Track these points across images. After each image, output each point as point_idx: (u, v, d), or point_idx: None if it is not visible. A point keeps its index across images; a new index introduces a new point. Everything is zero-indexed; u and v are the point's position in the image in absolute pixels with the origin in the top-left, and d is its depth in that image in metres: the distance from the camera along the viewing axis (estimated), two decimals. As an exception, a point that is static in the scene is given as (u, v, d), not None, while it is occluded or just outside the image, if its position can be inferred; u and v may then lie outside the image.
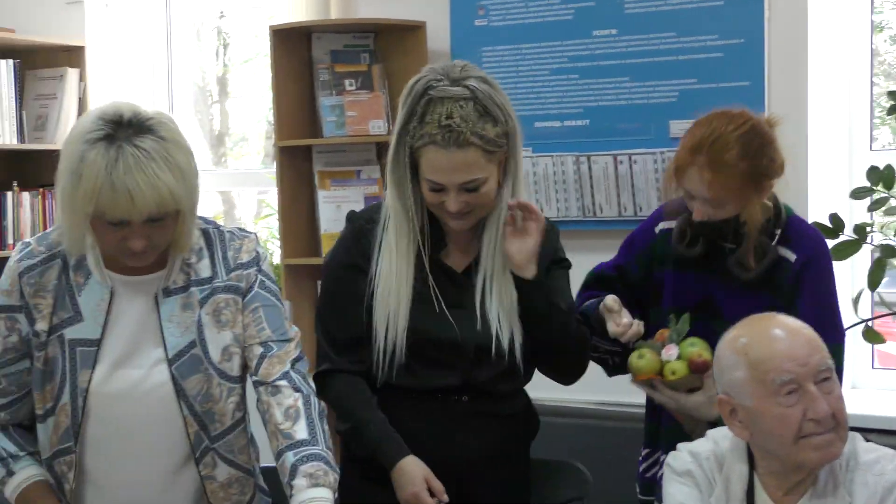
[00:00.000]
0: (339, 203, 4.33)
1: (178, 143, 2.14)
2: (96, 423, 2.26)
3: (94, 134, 2.09)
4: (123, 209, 2.07)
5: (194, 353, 2.26)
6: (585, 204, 4.07)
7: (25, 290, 2.23)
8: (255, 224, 5.38)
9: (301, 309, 4.32)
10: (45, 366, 2.24)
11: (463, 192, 2.36)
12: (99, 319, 2.23)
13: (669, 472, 2.19)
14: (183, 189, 2.13)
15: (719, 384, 2.12)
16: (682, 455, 2.19)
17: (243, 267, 2.32)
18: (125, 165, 2.06)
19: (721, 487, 2.12)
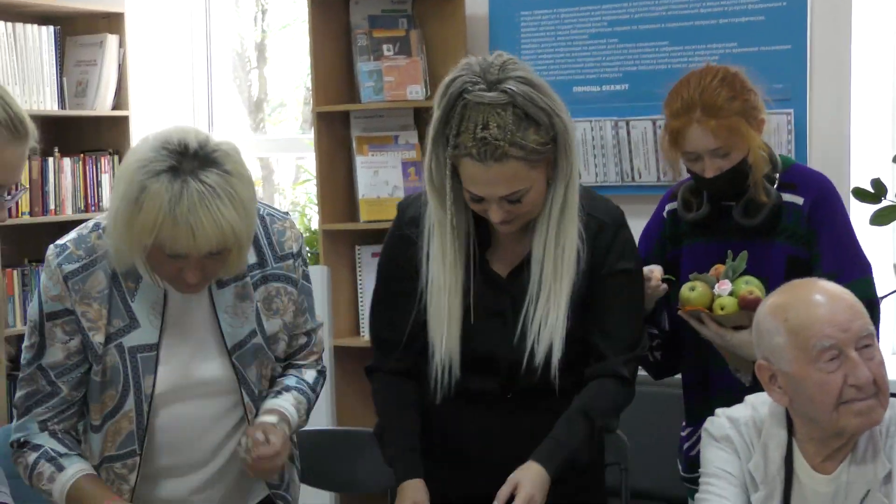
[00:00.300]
0: (376, 168, 4.33)
1: (242, 176, 2.08)
2: (160, 425, 2.25)
3: (158, 165, 2.01)
4: (184, 245, 2.02)
5: (255, 342, 2.27)
6: (624, 169, 4.05)
7: (73, 296, 2.17)
8: (293, 189, 5.39)
9: (339, 275, 4.33)
10: (104, 376, 2.20)
11: (505, 202, 2.21)
12: (155, 323, 2.20)
13: (707, 437, 2.18)
14: (244, 224, 2.07)
15: (759, 350, 2.10)
16: (721, 420, 2.17)
17: (293, 257, 2.31)
18: (189, 202, 1.99)
19: (759, 453, 2.11)
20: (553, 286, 2.27)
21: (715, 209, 2.59)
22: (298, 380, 2.38)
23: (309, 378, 2.40)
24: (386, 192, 4.28)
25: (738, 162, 2.51)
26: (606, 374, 2.33)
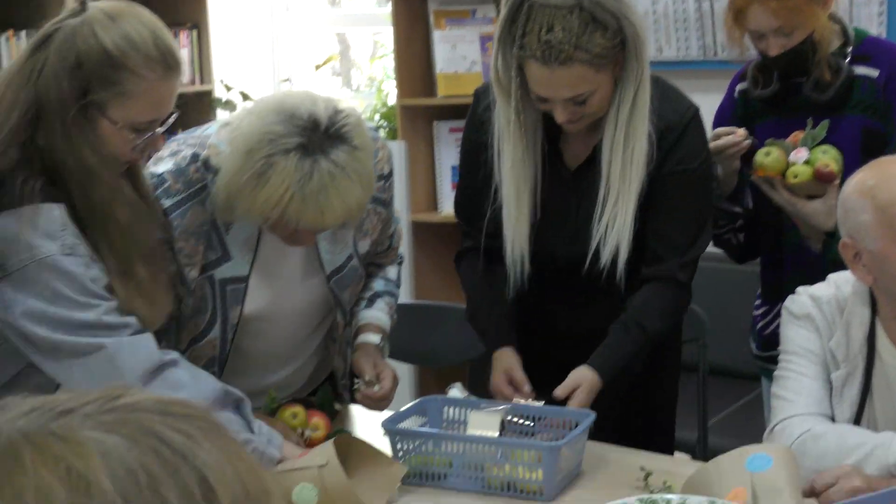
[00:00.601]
0: (454, 43, 4.28)
1: (367, 149, 2.05)
2: (241, 351, 2.29)
3: (288, 141, 1.96)
4: (311, 221, 2.01)
5: (352, 265, 2.31)
6: (706, 43, 3.96)
7: (170, 231, 2.14)
8: (370, 64, 5.35)
9: (416, 150, 4.33)
10: (193, 306, 2.22)
11: (570, 104, 2.18)
12: (247, 257, 2.20)
13: (788, 316, 2.16)
14: (367, 197, 2.08)
15: (843, 227, 2.06)
16: (802, 298, 2.15)
17: (385, 178, 2.33)
18: (320, 181, 1.96)
19: (841, 332, 2.09)
20: (621, 188, 2.25)
21: (785, 86, 2.54)
22: (385, 281, 2.46)
23: (392, 275, 2.49)
24: (464, 66, 4.24)
25: (803, 40, 2.44)
26: (662, 277, 2.32)
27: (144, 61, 1.87)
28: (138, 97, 1.88)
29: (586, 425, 2.12)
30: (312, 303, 2.31)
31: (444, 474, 2.09)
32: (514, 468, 2.03)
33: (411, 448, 2.12)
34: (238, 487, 0.68)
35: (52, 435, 0.65)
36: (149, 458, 0.65)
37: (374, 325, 2.37)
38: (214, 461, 0.67)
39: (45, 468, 0.63)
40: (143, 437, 0.66)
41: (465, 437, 2.11)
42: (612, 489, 2.03)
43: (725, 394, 3.72)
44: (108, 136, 1.89)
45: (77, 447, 0.65)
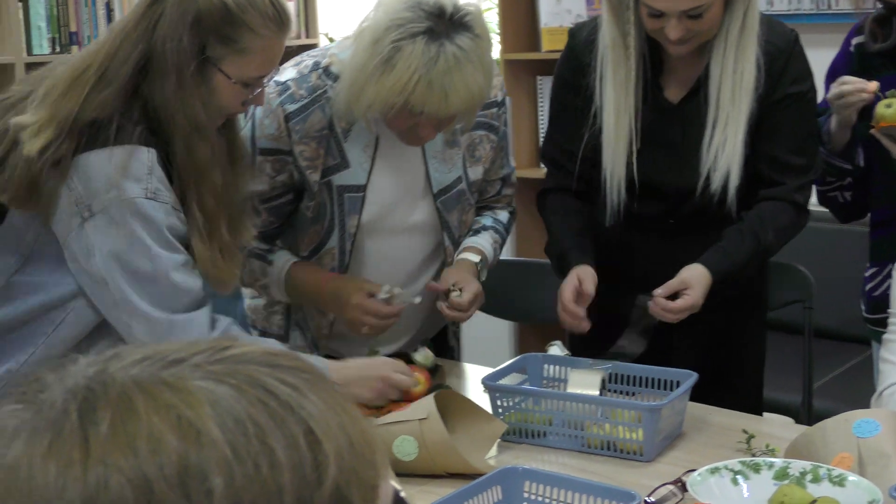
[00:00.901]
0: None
1: (488, 40, 2.11)
2: (363, 261, 2.34)
3: (415, 27, 2.02)
4: (434, 106, 2.05)
5: (460, 188, 2.34)
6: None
7: (293, 136, 2.22)
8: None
9: (519, 105, 4.30)
10: (313, 211, 2.28)
11: (685, 18, 2.15)
12: (365, 166, 2.26)
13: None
14: (487, 88, 2.12)
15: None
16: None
17: (497, 105, 2.37)
18: (445, 65, 2.01)
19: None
20: (731, 111, 2.25)
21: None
22: (494, 220, 2.49)
23: (503, 218, 2.51)
24: (568, 20, 4.19)
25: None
26: (779, 198, 2.33)
27: (262, 19, 1.91)
28: (254, 54, 1.93)
29: (688, 386, 2.09)
30: (422, 224, 2.35)
31: (543, 432, 2.09)
32: (614, 428, 2.02)
33: (511, 405, 2.12)
34: (342, 439, 0.68)
35: (163, 383, 0.67)
36: (256, 409, 0.66)
37: (475, 248, 2.40)
38: (319, 413, 0.68)
39: (157, 415, 0.65)
40: (251, 387, 0.67)
41: (565, 394, 2.11)
42: (714, 451, 2.01)
43: (832, 357, 3.65)
44: (221, 91, 1.94)
45: (187, 396, 0.66)
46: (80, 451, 0.64)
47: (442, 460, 1.92)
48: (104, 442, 0.64)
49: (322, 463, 0.67)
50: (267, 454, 0.65)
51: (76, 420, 0.65)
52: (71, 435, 0.64)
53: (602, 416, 2.04)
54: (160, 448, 0.64)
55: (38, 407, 0.67)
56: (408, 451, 1.92)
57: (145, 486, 0.63)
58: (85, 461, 0.63)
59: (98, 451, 0.63)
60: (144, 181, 1.88)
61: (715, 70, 2.24)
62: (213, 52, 1.91)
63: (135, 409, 0.65)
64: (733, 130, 2.25)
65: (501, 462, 1.98)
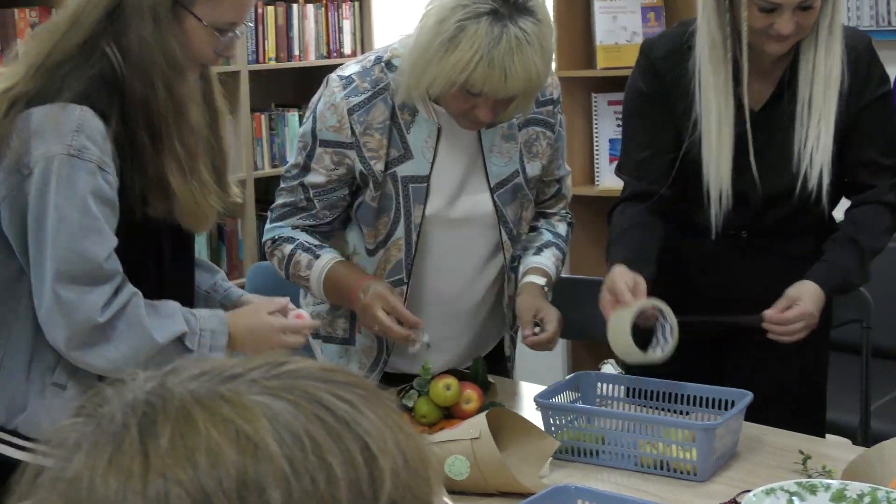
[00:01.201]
0: (615, 14, 4.23)
1: (550, 27, 2.15)
2: (427, 254, 2.37)
3: (480, 7, 2.07)
4: (494, 86, 2.09)
5: (517, 182, 2.36)
6: (880, 12, 3.81)
7: (356, 128, 2.27)
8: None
9: (574, 123, 4.29)
10: (379, 203, 2.32)
11: (797, 11, 2.15)
12: (427, 156, 2.30)
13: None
14: (546, 73, 2.16)
15: None
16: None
17: (553, 103, 2.41)
18: (507, 45, 2.06)
19: None
20: (822, 109, 2.26)
21: None
22: (555, 234, 2.49)
23: (562, 231, 2.52)
24: (624, 38, 4.18)
25: None
26: (872, 201, 2.34)
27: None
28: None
29: (743, 405, 2.08)
30: (481, 217, 2.36)
31: (596, 451, 2.08)
32: (668, 447, 2.01)
33: (564, 423, 2.12)
34: (398, 455, 0.69)
35: (221, 398, 0.67)
36: (313, 425, 0.67)
37: (540, 269, 2.40)
38: (375, 429, 0.68)
39: (216, 430, 0.65)
40: (308, 403, 0.68)
41: (619, 413, 2.10)
42: (769, 472, 1.99)
43: (890, 377, 3.59)
44: (193, 34, 1.95)
45: (245, 411, 0.67)
46: (140, 465, 0.64)
47: (494, 480, 1.92)
48: (164, 455, 0.64)
49: (378, 479, 0.67)
50: (324, 469, 0.65)
51: (136, 433, 0.66)
52: (131, 448, 0.65)
53: (656, 435, 2.03)
54: (219, 462, 0.64)
55: (97, 421, 0.68)
56: (460, 471, 1.92)
57: (204, 499, 0.63)
58: (145, 474, 0.64)
59: (158, 464, 0.64)
60: (69, 137, 1.86)
61: (805, 68, 2.26)
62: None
63: (194, 422, 0.66)
64: (825, 128, 2.26)
65: (554, 480, 1.97)
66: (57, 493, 0.66)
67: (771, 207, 2.34)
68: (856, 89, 2.28)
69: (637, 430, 2.05)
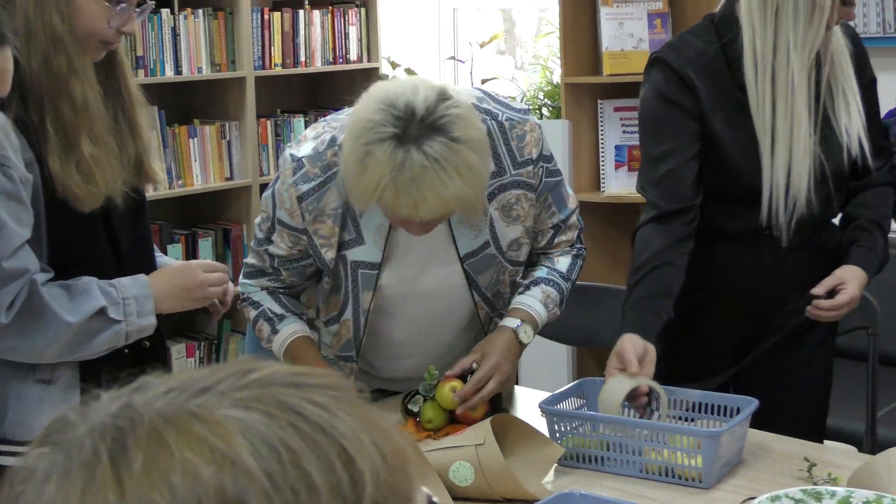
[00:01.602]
0: (621, 20, 4.22)
1: (471, 141, 1.96)
2: (375, 338, 2.32)
3: (383, 131, 1.93)
4: (405, 213, 1.97)
5: (488, 252, 2.25)
6: (887, 19, 3.81)
7: (306, 216, 2.18)
8: (535, 42, 5.33)
9: (580, 129, 4.29)
10: (331, 283, 2.27)
11: None
12: (379, 244, 2.20)
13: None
14: (472, 191, 1.98)
15: None
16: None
17: (532, 164, 2.22)
18: (411, 174, 1.91)
19: None
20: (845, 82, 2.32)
21: None
22: (549, 270, 2.35)
23: (562, 266, 2.36)
24: (630, 44, 4.18)
25: None
26: (876, 183, 2.40)
27: None
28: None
29: (748, 412, 2.07)
30: (451, 287, 2.27)
31: (601, 457, 2.07)
32: (673, 454, 2.00)
33: (569, 429, 2.11)
34: (376, 455, 0.68)
35: (191, 415, 0.66)
36: (287, 433, 0.66)
37: (521, 310, 2.30)
38: (350, 430, 0.68)
39: (189, 450, 0.64)
40: (280, 411, 0.67)
41: (624, 420, 2.09)
42: (774, 479, 1.99)
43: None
44: (82, 6, 1.93)
45: (217, 427, 0.65)
46: (115, 493, 0.63)
47: (498, 486, 1.91)
48: (139, 481, 0.63)
49: (358, 481, 0.66)
50: (303, 478, 0.65)
51: (107, 461, 0.64)
52: (104, 477, 0.64)
53: (661, 441, 2.03)
54: (196, 482, 0.63)
55: (65, 449, 0.66)
56: (464, 477, 1.91)
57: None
58: (121, 502, 0.63)
59: (134, 491, 0.63)
60: None
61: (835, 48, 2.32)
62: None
63: (166, 444, 0.64)
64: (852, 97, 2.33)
65: (558, 487, 1.97)
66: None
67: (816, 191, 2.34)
68: (859, 68, 2.37)
69: (642, 436, 2.05)
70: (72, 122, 1.94)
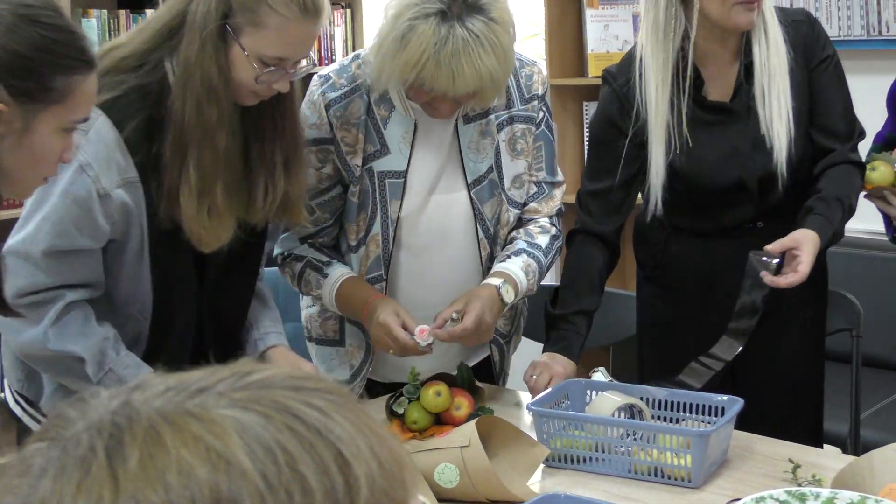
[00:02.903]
0: (606, 22, 4.23)
1: (506, 24, 2.14)
2: (404, 250, 2.38)
3: (429, 7, 2.09)
4: (443, 86, 2.10)
5: (491, 177, 2.36)
6: (871, 22, 3.82)
7: (333, 122, 2.30)
8: (521, 44, 5.33)
9: (566, 130, 4.30)
10: (359, 198, 2.34)
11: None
12: (404, 151, 2.32)
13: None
14: (502, 70, 2.14)
15: None
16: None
17: (539, 99, 2.40)
18: (453, 47, 2.07)
19: None
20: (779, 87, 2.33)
21: None
22: (529, 243, 2.43)
23: (541, 242, 2.44)
24: (616, 46, 4.18)
25: None
26: (837, 162, 2.39)
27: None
28: (270, 30, 1.97)
29: (735, 412, 2.07)
30: (458, 215, 2.37)
31: (588, 458, 2.07)
32: (662, 453, 2.00)
33: (555, 430, 2.11)
34: (372, 460, 0.68)
35: (188, 414, 0.66)
36: (284, 435, 0.66)
37: (503, 273, 2.37)
38: (347, 435, 0.67)
39: (185, 448, 0.64)
40: (277, 413, 0.67)
41: (613, 420, 2.09)
42: (759, 480, 1.99)
43: (880, 386, 3.60)
44: (236, 62, 1.98)
45: (214, 426, 0.65)
46: (109, 490, 0.63)
47: (483, 488, 1.91)
48: (134, 478, 0.63)
49: (353, 486, 0.66)
50: (298, 481, 0.64)
51: (103, 457, 0.64)
52: (99, 473, 0.64)
53: (649, 441, 2.03)
54: (191, 481, 0.63)
55: (63, 444, 0.66)
56: (449, 479, 1.91)
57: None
58: (115, 499, 0.62)
59: (129, 488, 0.63)
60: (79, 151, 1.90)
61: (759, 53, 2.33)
62: (233, 21, 1.96)
63: (162, 442, 0.64)
64: (784, 98, 2.33)
65: (545, 488, 1.97)
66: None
67: (769, 192, 2.38)
68: (808, 52, 2.38)
69: (631, 436, 2.05)
70: (212, 169, 2.00)
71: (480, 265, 2.41)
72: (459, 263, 2.41)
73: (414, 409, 2.25)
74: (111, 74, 1.95)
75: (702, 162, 2.38)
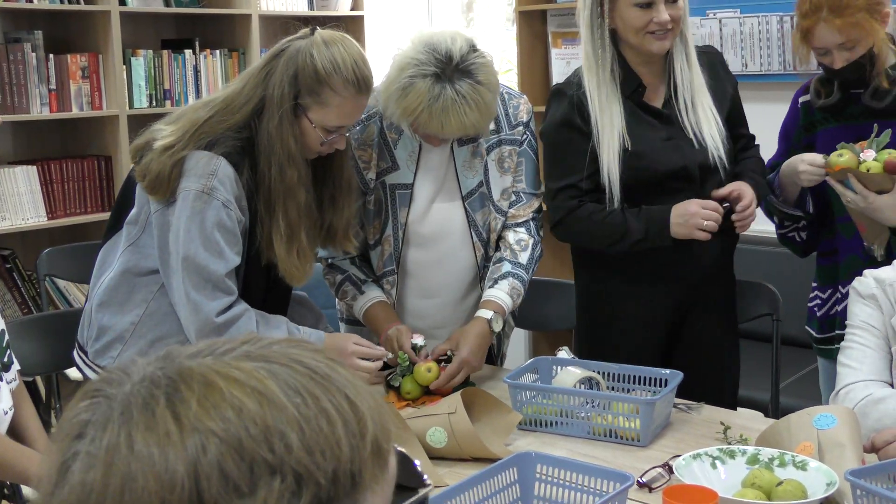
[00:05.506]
0: (568, 59, 4.23)
1: (490, 85, 2.17)
2: (412, 248, 2.40)
3: (426, 68, 2.13)
4: (433, 131, 2.17)
5: (482, 191, 2.38)
6: (787, 59, 3.83)
7: (352, 144, 2.31)
8: (497, 78, 5.31)
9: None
10: (374, 206, 2.37)
11: (669, 3, 2.26)
12: (411, 168, 2.35)
13: (855, 294, 2.08)
14: (483, 121, 2.19)
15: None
16: (868, 280, 2.07)
17: (523, 126, 2.41)
18: (443, 104, 2.11)
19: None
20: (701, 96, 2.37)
21: (845, 96, 2.44)
22: (513, 265, 2.40)
23: (522, 259, 2.41)
24: (576, 79, 4.18)
25: (864, 53, 2.33)
26: (753, 156, 2.50)
27: (342, 82, 2.04)
28: (332, 107, 2.06)
29: (675, 383, 2.08)
30: (455, 219, 2.38)
31: (554, 422, 2.07)
32: (616, 418, 2.00)
33: (527, 399, 2.11)
34: (371, 401, 0.71)
35: (229, 366, 0.68)
36: (306, 380, 0.68)
37: (492, 302, 2.34)
38: (348, 381, 0.70)
39: (235, 388, 0.66)
40: (295, 364, 0.69)
41: (574, 391, 2.09)
42: (696, 440, 1.99)
43: (796, 361, 3.61)
44: (306, 131, 2.07)
45: (254, 373, 0.67)
46: (175, 425, 0.64)
47: (467, 447, 1.91)
48: (195, 415, 0.64)
49: (361, 420, 0.69)
50: (324, 415, 0.67)
51: (164, 402, 0.65)
52: (163, 414, 0.64)
53: (605, 408, 2.03)
54: (243, 414, 0.65)
55: (117, 398, 0.66)
56: (439, 440, 1.91)
57: (238, 444, 0.64)
58: (181, 432, 0.64)
59: (191, 422, 0.64)
60: (205, 179, 2.01)
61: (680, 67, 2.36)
62: (303, 101, 2.05)
63: (215, 385, 0.66)
64: (708, 104, 2.38)
65: (518, 447, 1.97)
66: (95, 465, 0.64)
67: (709, 181, 2.37)
68: (721, 85, 2.42)
69: (589, 404, 2.05)
70: (296, 221, 2.08)
71: (476, 263, 2.43)
72: (457, 261, 2.42)
73: (408, 382, 2.24)
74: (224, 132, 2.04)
75: (648, 151, 2.33)
